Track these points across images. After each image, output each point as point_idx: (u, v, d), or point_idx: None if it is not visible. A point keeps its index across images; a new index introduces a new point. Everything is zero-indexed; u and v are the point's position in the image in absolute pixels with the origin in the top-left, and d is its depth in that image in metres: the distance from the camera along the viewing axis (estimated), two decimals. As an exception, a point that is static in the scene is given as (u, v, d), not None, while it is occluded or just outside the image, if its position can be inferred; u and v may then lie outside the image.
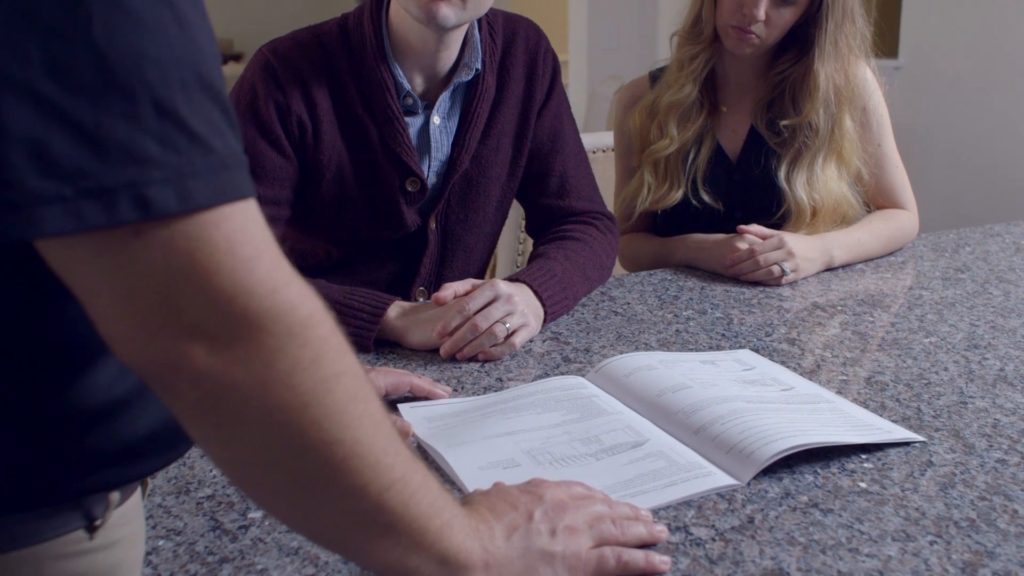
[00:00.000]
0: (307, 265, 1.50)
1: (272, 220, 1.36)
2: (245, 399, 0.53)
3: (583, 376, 1.16)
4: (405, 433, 1.00)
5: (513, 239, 2.11)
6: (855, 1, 1.62)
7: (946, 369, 1.19)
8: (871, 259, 1.67)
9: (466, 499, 0.76)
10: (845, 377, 1.17)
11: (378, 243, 1.48)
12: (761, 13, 1.56)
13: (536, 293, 1.32)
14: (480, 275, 1.60)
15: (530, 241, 1.66)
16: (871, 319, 1.38)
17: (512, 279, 1.34)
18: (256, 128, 1.36)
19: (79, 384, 0.61)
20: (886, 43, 3.71)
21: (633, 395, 1.09)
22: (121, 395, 0.63)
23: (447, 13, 1.32)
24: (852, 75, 1.64)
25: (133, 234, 0.48)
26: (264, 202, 1.35)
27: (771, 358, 1.23)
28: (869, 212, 1.73)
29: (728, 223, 1.63)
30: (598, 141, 2.13)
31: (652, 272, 1.62)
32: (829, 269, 1.61)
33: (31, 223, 0.45)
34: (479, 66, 1.45)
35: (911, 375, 1.17)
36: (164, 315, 0.50)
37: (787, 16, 1.58)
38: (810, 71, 1.60)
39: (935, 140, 3.55)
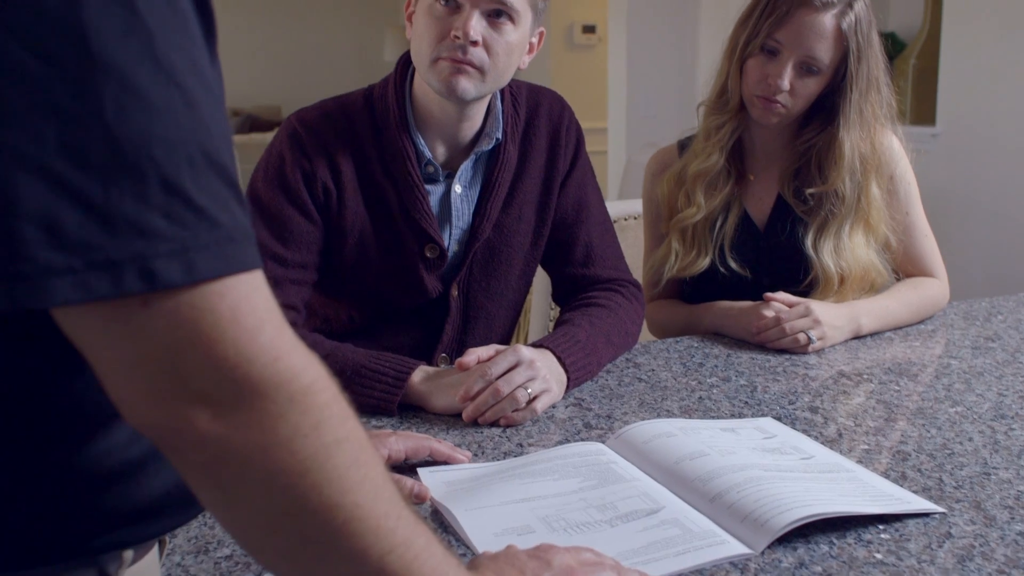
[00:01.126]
0: (331, 329, 1.53)
1: (300, 283, 1.41)
2: (247, 463, 0.55)
3: (603, 442, 1.17)
4: (422, 498, 1.01)
5: (544, 306, 2.12)
6: (880, 70, 1.64)
7: (970, 439, 1.18)
8: (900, 327, 1.66)
9: (473, 563, 0.76)
10: (867, 446, 1.16)
11: (400, 309, 1.51)
12: (786, 83, 1.58)
13: (559, 359, 1.33)
14: (504, 342, 1.61)
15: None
16: (897, 388, 1.37)
17: (536, 345, 1.35)
18: (284, 194, 1.40)
19: (95, 444, 0.63)
20: (923, 110, 3.72)
21: (651, 462, 1.09)
22: (136, 456, 0.65)
23: (467, 86, 1.36)
24: (878, 143, 1.65)
25: (140, 304, 0.50)
26: (292, 265, 1.40)
27: (793, 426, 1.22)
28: (899, 280, 1.72)
29: (756, 290, 1.63)
30: (632, 208, 2.15)
31: (679, 339, 1.63)
32: (857, 337, 1.61)
33: (42, 293, 0.48)
34: (500, 136, 1.48)
35: (934, 445, 1.16)
36: (169, 382, 0.52)
37: (812, 86, 1.61)
38: (835, 139, 1.62)
39: (973, 206, 3.53)
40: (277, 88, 8.56)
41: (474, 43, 1.34)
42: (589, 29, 6.68)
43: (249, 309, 0.53)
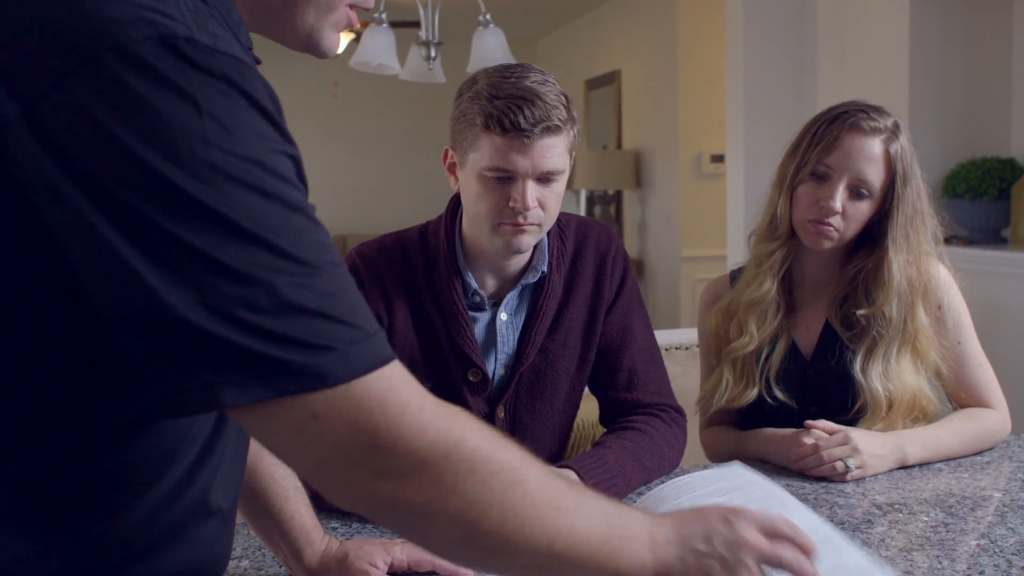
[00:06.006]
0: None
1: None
2: (431, 512, 0.73)
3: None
4: None
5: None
6: (923, 202, 1.67)
7: (981, 573, 1.16)
8: (951, 458, 1.63)
9: (665, 522, 0.86)
10: None
11: None
12: (838, 204, 1.62)
13: (582, 479, 1.39)
14: (552, 463, 1.67)
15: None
16: (926, 519, 1.36)
17: (562, 465, 1.41)
18: None
19: (126, 517, 0.78)
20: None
21: None
22: (158, 534, 0.80)
23: (528, 241, 1.49)
24: (924, 270, 1.67)
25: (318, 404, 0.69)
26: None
27: (803, 553, 1.23)
28: (955, 411, 1.71)
29: (804, 420, 1.64)
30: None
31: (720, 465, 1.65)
32: (904, 467, 1.59)
33: (246, 393, 0.68)
34: (545, 269, 1.58)
35: (940, 576, 1.15)
36: (353, 466, 0.71)
37: (863, 209, 1.64)
38: (884, 261, 1.65)
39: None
40: (344, 221, 9.05)
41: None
42: (718, 159, 6.77)
43: (394, 397, 0.71)
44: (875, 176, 1.63)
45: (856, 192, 1.64)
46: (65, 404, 0.74)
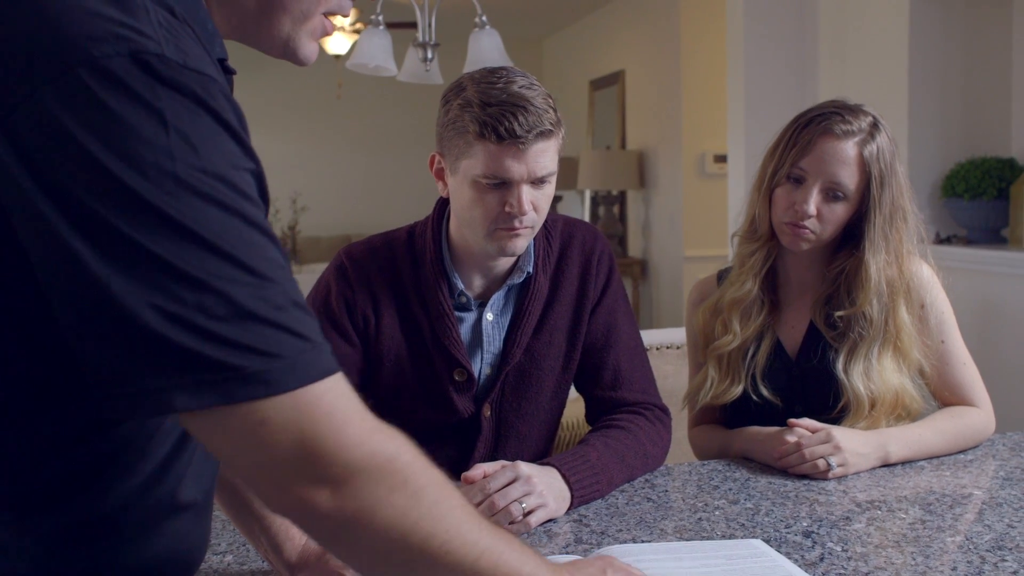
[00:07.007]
0: (372, 444, 1.65)
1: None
2: (363, 522, 0.75)
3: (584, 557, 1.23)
4: None
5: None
6: (905, 200, 1.68)
7: (954, 569, 1.17)
8: (935, 456, 1.64)
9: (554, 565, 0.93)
10: (843, 571, 1.18)
11: (435, 427, 1.62)
12: (811, 208, 1.64)
13: (564, 477, 1.41)
14: (536, 461, 1.68)
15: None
16: (903, 516, 1.37)
17: (543, 463, 1.43)
18: (328, 320, 1.55)
19: (108, 499, 0.80)
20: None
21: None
22: (139, 518, 0.83)
23: (522, 244, 1.51)
24: (906, 270, 1.68)
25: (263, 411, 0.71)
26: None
27: (779, 549, 1.25)
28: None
29: (788, 418, 1.65)
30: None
31: (706, 462, 1.66)
32: (887, 465, 1.60)
33: (193, 399, 0.69)
34: (531, 269, 1.59)
35: (913, 573, 1.16)
36: (294, 472, 0.73)
37: (839, 211, 1.66)
38: (862, 262, 1.66)
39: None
40: (349, 223, 9.10)
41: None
42: (721, 159, 6.77)
43: (339, 407, 0.74)
44: (849, 179, 1.64)
45: (831, 195, 1.65)
46: (31, 399, 0.76)
